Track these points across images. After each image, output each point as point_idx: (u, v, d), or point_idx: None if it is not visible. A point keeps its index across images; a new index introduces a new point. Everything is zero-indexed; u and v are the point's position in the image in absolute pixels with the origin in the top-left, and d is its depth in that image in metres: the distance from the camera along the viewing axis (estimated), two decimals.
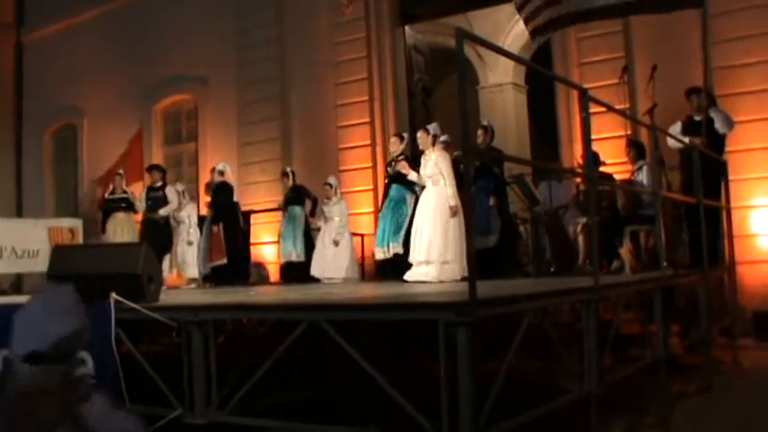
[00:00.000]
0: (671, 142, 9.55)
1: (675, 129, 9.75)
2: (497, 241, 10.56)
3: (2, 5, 21.98)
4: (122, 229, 13.60)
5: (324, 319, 4.65)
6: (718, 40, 11.74)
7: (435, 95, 16.57)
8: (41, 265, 10.22)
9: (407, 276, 9.48)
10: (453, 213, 9.43)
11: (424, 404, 4.30)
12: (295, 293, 7.49)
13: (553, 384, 5.85)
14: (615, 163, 11.11)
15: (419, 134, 10.19)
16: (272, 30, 16.61)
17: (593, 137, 6.27)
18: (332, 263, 12.30)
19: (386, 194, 11.11)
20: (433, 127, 10.11)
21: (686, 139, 9.45)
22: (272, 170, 15.37)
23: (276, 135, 16.10)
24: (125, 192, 14.01)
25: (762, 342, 10.40)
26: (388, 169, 11.21)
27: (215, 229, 13.22)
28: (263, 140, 16.14)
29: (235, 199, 13.68)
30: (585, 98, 5.95)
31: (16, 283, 16.96)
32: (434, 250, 9.36)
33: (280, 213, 13.78)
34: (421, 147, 10.10)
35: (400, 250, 10.45)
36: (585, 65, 12.99)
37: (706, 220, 8.54)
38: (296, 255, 12.99)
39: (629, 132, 11.22)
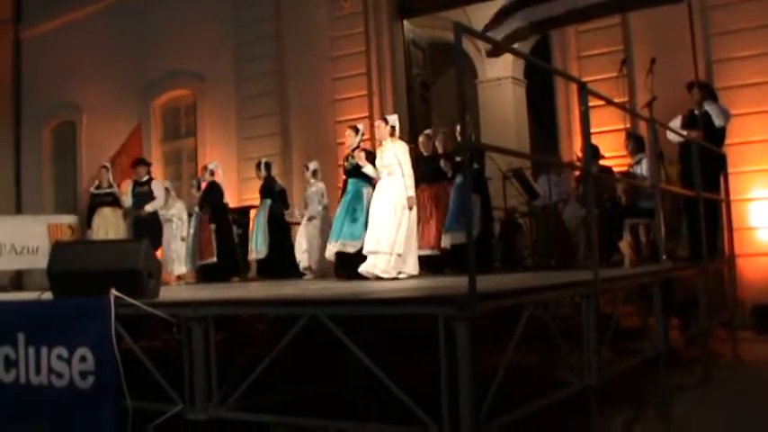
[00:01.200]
0: (670, 135, 9.54)
1: (676, 122, 9.75)
2: (476, 237, 10.03)
3: (0, 2, 21.95)
4: (108, 224, 13.17)
5: (324, 314, 4.65)
6: (717, 33, 11.75)
7: (434, 90, 16.57)
8: (41, 261, 10.25)
9: (361, 269, 9.27)
10: (410, 206, 9.38)
11: (423, 399, 4.31)
12: (293, 288, 7.51)
13: (553, 377, 5.86)
14: (614, 156, 11.12)
15: (377, 124, 10.13)
16: (270, 24, 16.59)
17: (592, 130, 6.27)
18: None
19: (344, 190, 10.64)
20: (392, 118, 9.97)
21: (684, 133, 9.45)
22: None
23: (275, 130, 16.09)
24: (111, 186, 13.59)
25: (761, 335, 10.42)
26: (345, 163, 10.75)
27: (209, 227, 13.18)
28: (263, 135, 16.12)
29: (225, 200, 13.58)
30: (585, 92, 5.95)
31: (16, 280, 16.97)
32: (385, 242, 9.20)
33: None
34: (378, 137, 9.98)
35: (356, 247, 9.89)
36: (584, 58, 12.98)
37: (705, 213, 8.55)
38: (256, 252, 12.91)
39: (628, 125, 11.23)
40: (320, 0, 15.82)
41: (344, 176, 10.76)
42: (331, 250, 10.29)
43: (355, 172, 10.29)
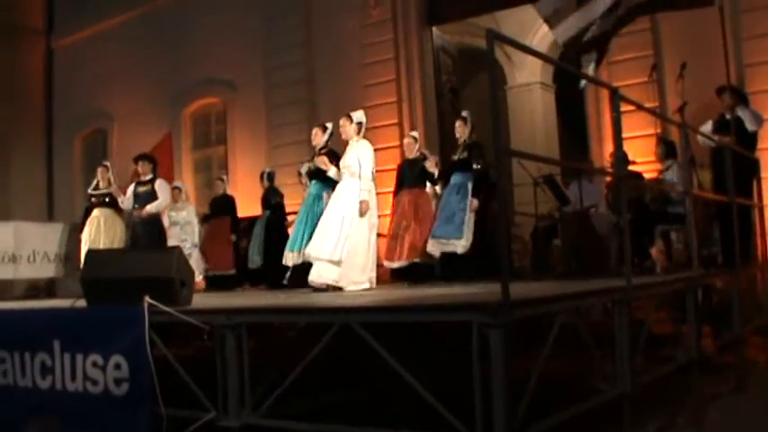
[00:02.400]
0: (701, 140, 9.49)
1: (707, 127, 9.69)
2: (469, 248, 9.53)
3: (32, 13, 22.16)
4: (102, 228, 11.92)
5: (356, 322, 4.67)
6: (748, 36, 11.67)
7: (463, 96, 16.55)
8: (73, 269, 10.35)
9: (310, 278, 8.71)
10: (361, 211, 8.69)
11: (454, 405, 4.31)
12: (327, 297, 7.53)
13: (586, 385, 5.83)
14: (644, 162, 11.07)
15: (341, 122, 9.37)
16: (299, 32, 16.65)
17: (622, 135, 6.25)
18: None
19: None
20: (356, 115, 9.32)
21: (716, 138, 9.40)
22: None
23: (305, 137, 15.95)
24: (110, 184, 12.38)
25: None
26: (309, 165, 10.14)
27: (232, 237, 13.19)
28: (292, 143, 16.15)
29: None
30: (616, 97, 5.93)
31: (48, 288, 17.07)
32: (330, 248, 8.56)
33: None
34: (343, 136, 9.38)
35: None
36: (614, 63, 12.92)
37: (738, 219, 8.49)
38: (251, 262, 12.89)
39: (658, 131, 11.16)
40: (350, 8, 15.84)
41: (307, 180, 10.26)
42: (290, 262, 9.64)
43: (316, 175, 9.77)
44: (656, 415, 6.60)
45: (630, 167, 10.25)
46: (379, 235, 9.88)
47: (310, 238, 8.99)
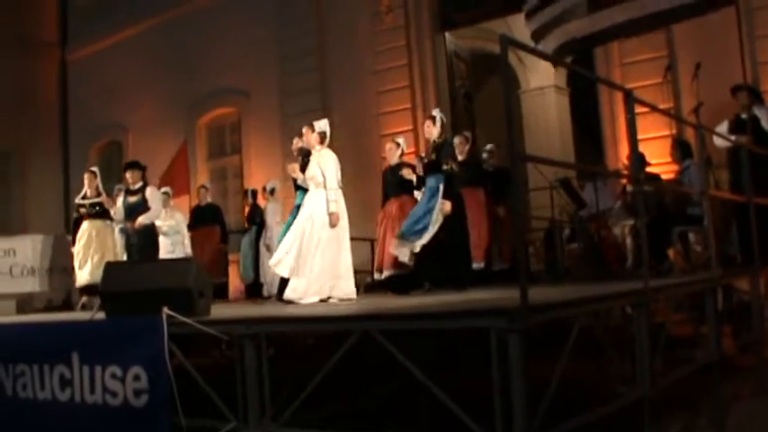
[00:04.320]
0: (718, 141, 9.44)
1: (723, 128, 9.64)
2: (428, 242, 8.87)
3: (46, 26, 22.31)
4: (96, 240, 11.26)
5: (376, 329, 4.66)
6: (762, 35, 11.61)
7: (477, 100, 16.54)
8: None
9: (285, 295, 8.42)
10: (332, 223, 8.43)
11: (475, 411, 4.30)
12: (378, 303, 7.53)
13: (605, 388, 5.82)
14: (660, 163, 11.02)
15: (304, 130, 9.14)
16: (312, 40, 16.69)
17: (637, 137, 6.23)
18: None
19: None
20: (319, 124, 9.01)
21: (732, 138, 9.35)
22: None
23: None
24: (99, 193, 11.61)
25: None
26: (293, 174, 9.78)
27: (222, 248, 13.24)
28: None
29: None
30: (630, 99, 5.91)
31: (66, 300, 17.10)
32: (298, 262, 8.33)
33: None
34: (306, 146, 9.24)
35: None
36: (628, 65, 12.90)
37: (756, 218, 8.44)
38: (247, 277, 13.03)
39: (674, 132, 11.12)
40: (362, 14, 15.87)
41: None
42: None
43: (299, 185, 9.49)
44: (676, 418, 6.57)
45: (647, 169, 10.22)
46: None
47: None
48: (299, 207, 9.15)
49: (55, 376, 6.03)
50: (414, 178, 9.39)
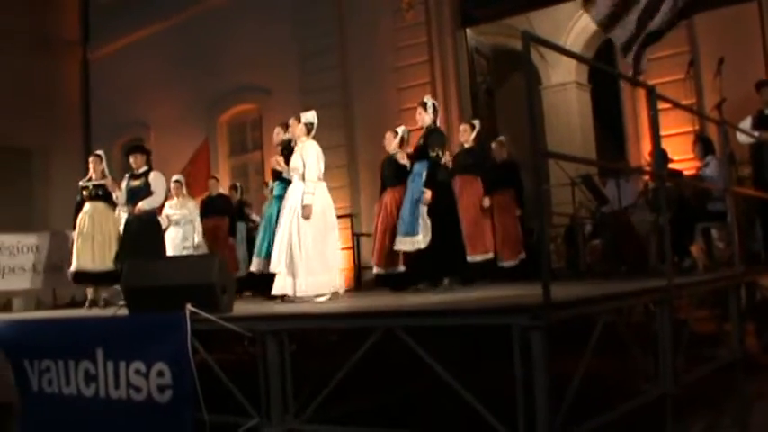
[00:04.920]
0: (741, 137, 9.40)
1: (746, 123, 9.59)
2: (429, 243, 8.62)
3: (68, 24, 22.41)
4: (97, 223, 10.66)
5: (398, 326, 4.67)
6: None
7: (498, 96, 16.50)
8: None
9: (274, 290, 8.23)
10: (305, 215, 8.21)
11: (495, 408, 4.30)
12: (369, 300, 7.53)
13: (627, 385, 5.81)
14: (682, 159, 10.98)
15: (291, 121, 9.06)
16: (333, 37, 16.67)
17: (660, 133, 6.21)
18: None
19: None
20: (307, 115, 8.90)
21: (756, 134, 9.31)
22: (338, 177, 15.39)
23: (341, 142, 16.12)
24: (105, 176, 11.00)
25: None
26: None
27: (230, 241, 13.11)
28: (328, 148, 15.88)
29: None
30: (653, 96, 5.90)
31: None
32: (284, 256, 8.16)
33: (347, 220, 13.87)
34: (292, 137, 9.11)
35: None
36: (650, 60, 12.77)
37: None
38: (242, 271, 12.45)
39: (696, 128, 11.08)
40: (383, 11, 15.85)
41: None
42: (255, 268, 9.32)
43: (278, 176, 9.39)
44: (699, 415, 6.55)
45: (670, 166, 10.18)
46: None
47: (270, 242, 8.71)
48: (279, 198, 9.00)
49: (80, 372, 6.08)
50: (407, 164, 9.14)
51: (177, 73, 19.51)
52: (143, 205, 10.24)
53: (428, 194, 8.57)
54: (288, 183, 8.76)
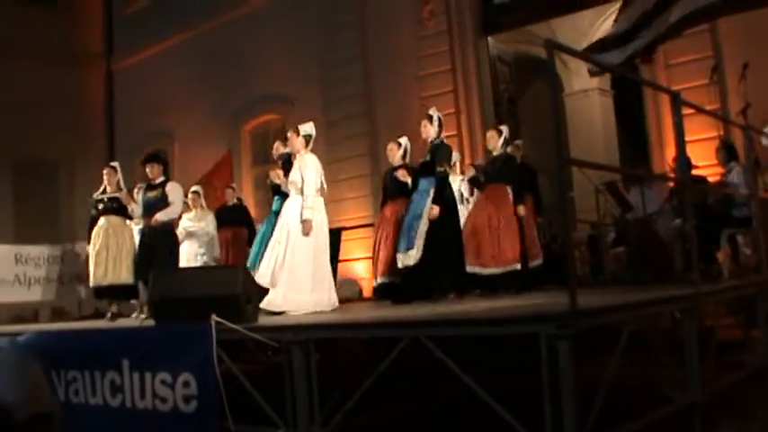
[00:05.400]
0: (766, 142, 9.34)
1: None
2: (419, 259, 8.42)
3: (92, 37, 22.61)
4: (111, 236, 10.32)
5: (425, 336, 4.66)
6: None
7: (521, 104, 16.49)
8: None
9: (262, 304, 7.64)
10: (305, 231, 8.04)
11: (522, 417, 4.28)
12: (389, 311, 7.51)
13: (654, 393, 5.77)
14: (706, 165, 10.92)
15: (289, 134, 8.84)
16: (355, 47, 16.71)
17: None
18: None
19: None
20: (305, 127, 8.66)
21: None
22: (361, 187, 15.47)
23: (364, 151, 16.16)
24: (119, 188, 10.58)
25: None
26: (267, 181, 9.63)
27: (248, 251, 12.87)
28: (351, 157, 16.22)
29: None
30: (678, 102, 5.87)
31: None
32: (275, 272, 7.95)
33: (369, 229, 13.82)
34: (290, 150, 8.93)
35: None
36: (673, 66, 12.78)
37: None
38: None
39: (721, 133, 11.01)
40: (405, 20, 15.87)
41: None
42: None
43: (277, 189, 9.30)
44: (728, 424, 6.49)
45: (693, 172, 10.13)
46: None
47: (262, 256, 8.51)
48: (276, 213, 8.85)
49: (106, 382, 6.10)
50: (408, 181, 8.99)
51: (201, 83, 19.61)
52: (160, 216, 9.96)
53: (435, 210, 8.45)
54: (287, 198, 8.58)
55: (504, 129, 10.04)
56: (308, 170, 8.27)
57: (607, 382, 4.43)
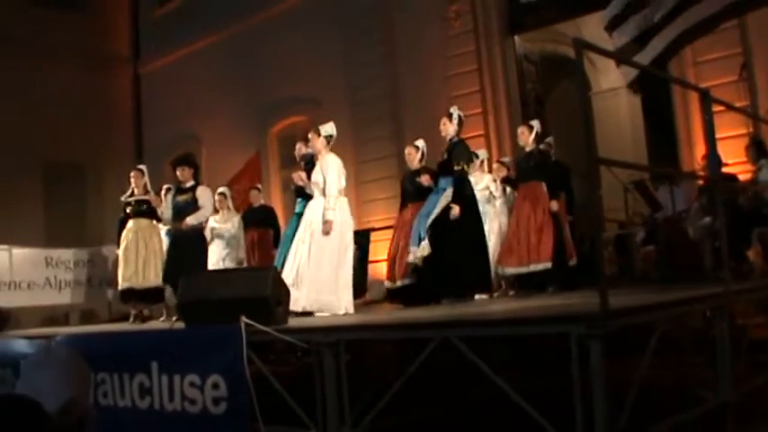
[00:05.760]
0: None
1: None
2: (426, 256, 8.45)
3: (118, 40, 22.72)
4: (141, 240, 10.52)
5: (455, 336, 4.64)
6: None
7: (548, 103, 16.41)
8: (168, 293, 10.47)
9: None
10: (325, 230, 7.97)
11: (552, 417, 4.26)
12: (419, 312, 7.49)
13: (685, 393, 5.72)
14: (736, 163, 10.83)
15: (310, 135, 8.78)
16: (381, 48, 16.69)
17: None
18: None
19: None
20: (326, 128, 8.59)
21: None
22: (389, 188, 15.42)
23: (391, 152, 16.13)
24: (147, 191, 10.83)
25: None
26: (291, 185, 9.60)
27: (274, 252, 12.79)
28: (379, 158, 16.19)
29: None
30: (707, 100, 5.82)
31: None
32: (300, 272, 7.88)
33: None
34: (311, 150, 8.97)
35: None
36: (701, 63, 12.67)
37: None
38: None
39: (750, 130, 10.92)
40: (431, 21, 15.83)
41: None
42: None
43: (301, 191, 9.22)
44: (760, 424, 6.43)
45: (723, 169, 10.05)
46: None
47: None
48: (299, 215, 8.83)
49: (135, 384, 6.12)
50: (432, 185, 8.95)
51: (228, 86, 19.66)
52: (190, 220, 10.00)
53: (456, 210, 8.44)
54: (310, 199, 8.56)
55: (536, 124, 10.01)
56: (329, 171, 8.22)
57: (638, 382, 4.40)
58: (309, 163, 9.15)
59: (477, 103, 15.13)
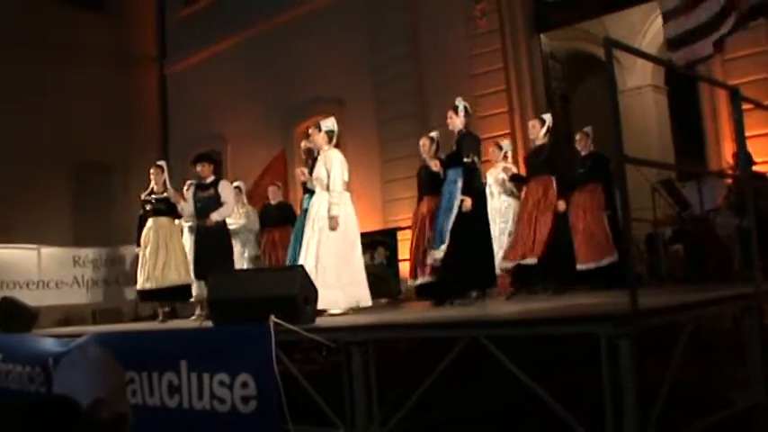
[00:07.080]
0: None
1: None
2: (446, 252, 8.29)
3: (145, 41, 22.85)
4: (161, 239, 10.36)
5: (484, 336, 4.63)
6: None
7: (574, 101, 16.35)
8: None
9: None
10: (331, 225, 7.95)
11: (580, 417, 4.24)
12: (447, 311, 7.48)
13: (715, 394, 5.69)
14: (765, 161, 10.76)
15: (310, 131, 8.83)
16: (406, 46, 16.67)
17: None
18: None
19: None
20: (326, 123, 8.61)
21: None
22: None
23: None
24: (166, 188, 10.70)
25: None
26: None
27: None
28: (405, 157, 16.09)
29: None
30: (737, 98, 5.78)
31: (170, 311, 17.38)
32: (311, 268, 7.64)
33: None
34: (314, 146, 8.93)
35: None
36: (729, 61, 12.57)
37: None
38: None
39: None
40: (456, 19, 15.80)
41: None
42: None
43: (307, 188, 9.10)
44: None
45: (753, 168, 9.98)
46: None
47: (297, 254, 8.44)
48: (306, 211, 8.71)
49: (163, 383, 6.13)
50: (441, 171, 8.82)
51: (253, 85, 19.71)
52: (215, 216, 10.00)
53: (468, 202, 8.28)
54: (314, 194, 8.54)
55: (548, 117, 9.84)
56: (332, 165, 8.20)
57: (668, 383, 4.37)
58: (313, 157, 9.11)
59: (502, 102, 15.10)
